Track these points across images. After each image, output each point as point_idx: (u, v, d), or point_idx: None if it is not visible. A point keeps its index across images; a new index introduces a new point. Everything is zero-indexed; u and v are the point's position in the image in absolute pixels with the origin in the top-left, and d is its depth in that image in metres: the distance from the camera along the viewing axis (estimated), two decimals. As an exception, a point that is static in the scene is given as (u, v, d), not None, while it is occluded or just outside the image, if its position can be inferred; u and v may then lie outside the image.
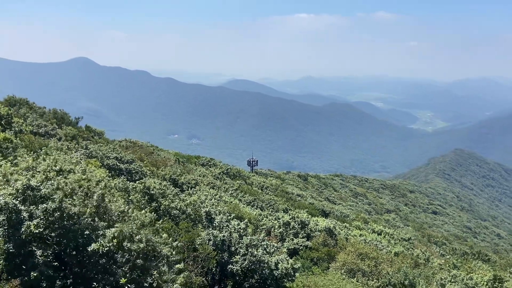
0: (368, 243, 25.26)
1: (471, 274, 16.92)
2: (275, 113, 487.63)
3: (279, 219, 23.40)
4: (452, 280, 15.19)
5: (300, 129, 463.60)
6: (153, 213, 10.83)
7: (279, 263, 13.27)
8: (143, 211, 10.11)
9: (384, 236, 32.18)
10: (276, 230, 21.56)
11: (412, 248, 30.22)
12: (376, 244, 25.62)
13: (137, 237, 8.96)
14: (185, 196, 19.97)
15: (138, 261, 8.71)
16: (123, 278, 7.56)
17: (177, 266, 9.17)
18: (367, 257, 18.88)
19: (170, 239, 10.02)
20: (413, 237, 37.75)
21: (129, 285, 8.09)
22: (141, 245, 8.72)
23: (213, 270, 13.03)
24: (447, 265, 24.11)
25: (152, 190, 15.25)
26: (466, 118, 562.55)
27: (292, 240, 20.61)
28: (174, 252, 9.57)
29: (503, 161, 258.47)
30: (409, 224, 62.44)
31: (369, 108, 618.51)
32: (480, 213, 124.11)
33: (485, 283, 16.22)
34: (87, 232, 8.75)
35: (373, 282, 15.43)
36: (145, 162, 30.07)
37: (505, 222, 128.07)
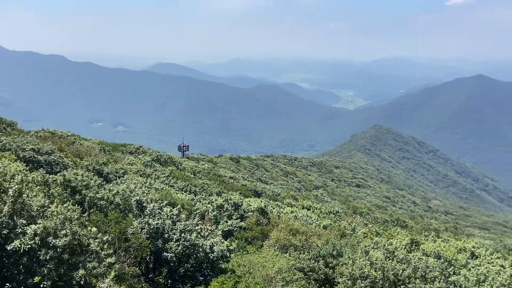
0: (298, 219, 26.33)
1: (391, 240, 18.41)
2: (204, 96, 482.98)
3: (212, 202, 23.47)
4: (375, 246, 16.42)
5: (230, 111, 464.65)
6: (77, 206, 10.27)
7: (214, 245, 13.38)
8: (65, 204, 9.55)
9: (314, 211, 33.75)
10: (210, 214, 21.62)
11: (339, 220, 32.08)
12: (306, 219, 26.81)
13: (62, 232, 8.49)
14: (113, 186, 19.19)
15: (64, 256, 8.27)
16: (37, 277, 7.14)
17: (108, 260, 8.86)
18: (298, 232, 19.73)
19: (100, 234, 9.62)
20: (340, 210, 40.04)
21: (45, 283, 7.70)
22: (67, 239, 8.28)
23: (147, 258, 12.79)
24: (370, 233, 26.01)
25: (74, 182, 14.43)
26: (383, 96, 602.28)
27: (226, 222, 20.84)
28: (104, 246, 9.22)
29: (416, 134, 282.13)
30: (336, 198, 66.10)
31: (295, 89, 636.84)
32: (397, 184, 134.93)
33: (404, 246, 17.77)
34: (5, 231, 8.11)
35: (304, 255, 16.19)
36: (66, 152, 28.27)
37: (419, 190, 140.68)
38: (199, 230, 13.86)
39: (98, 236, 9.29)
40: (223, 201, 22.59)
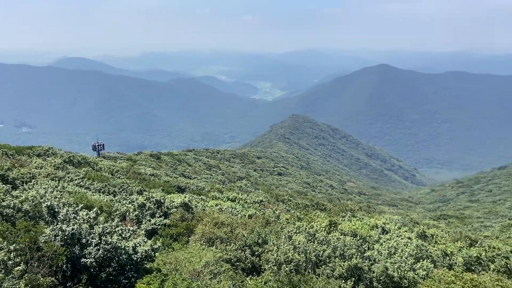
0: (223, 211, 26.48)
1: (312, 223, 19.36)
2: (118, 92, 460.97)
3: (133, 202, 22.59)
4: (297, 231, 17.14)
5: (146, 107, 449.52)
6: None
7: (137, 246, 12.93)
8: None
9: (238, 202, 34.15)
10: (131, 214, 20.81)
11: (263, 209, 32.88)
12: (231, 211, 27.06)
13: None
14: (20, 193, 17.57)
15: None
16: None
17: (17, 268, 8.14)
18: (223, 224, 19.84)
19: (5, 243, 8.78)
20: (263, 198, 41.02)
21: None
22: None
23: (63, 267, 11.96)
24: (293, 218, 27.08)
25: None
26: (299, 86, 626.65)
27: (149, 220, 20.23)
28: (12, 255, 8.45)
29: (330, 121, 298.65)
30: (259, 188, 67.52)
31: (214, 82, 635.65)
32: (316, 169, 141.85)
33: (323, 228, 18.80)
34: None
35: (230, 247, 16.37)
36: (-40, 160, 25.19)
37: (335, 174, 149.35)
38: (120, 232, 13.30)
39: (4, 245, 8.50)
40: (145, 200, 21.87)
